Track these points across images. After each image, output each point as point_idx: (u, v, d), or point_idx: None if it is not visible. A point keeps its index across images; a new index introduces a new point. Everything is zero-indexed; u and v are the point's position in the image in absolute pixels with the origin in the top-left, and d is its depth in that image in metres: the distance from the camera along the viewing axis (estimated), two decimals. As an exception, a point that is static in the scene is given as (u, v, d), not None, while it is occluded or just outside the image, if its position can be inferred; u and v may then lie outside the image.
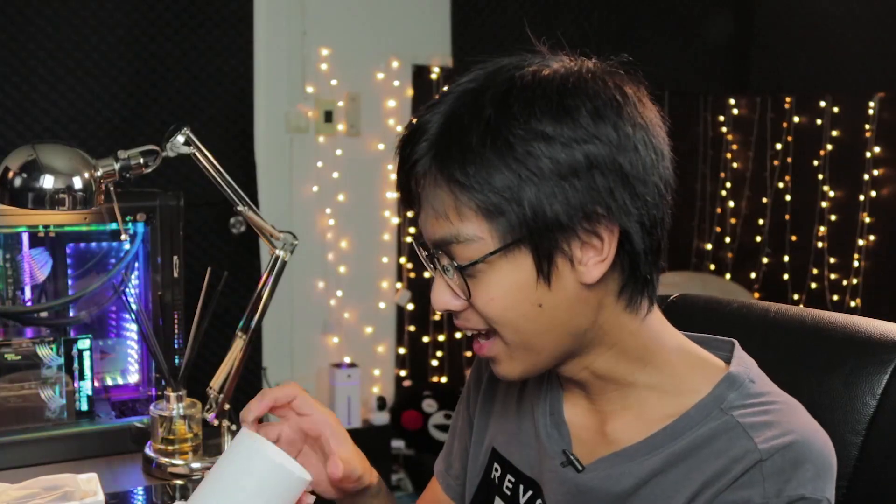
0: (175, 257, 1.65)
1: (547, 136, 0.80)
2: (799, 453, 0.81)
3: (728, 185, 3.46)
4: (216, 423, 1.55)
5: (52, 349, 1.55)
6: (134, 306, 1.61)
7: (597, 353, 0.89)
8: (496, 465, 1.01)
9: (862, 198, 2.98)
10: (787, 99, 3.22)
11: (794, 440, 0.81)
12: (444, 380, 3.21)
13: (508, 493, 0.99)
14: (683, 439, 0.86)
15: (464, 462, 1.10)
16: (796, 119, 3.19)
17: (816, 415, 0.87)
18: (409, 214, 3.12)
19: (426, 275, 3.29)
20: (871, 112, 2.95)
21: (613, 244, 0.82)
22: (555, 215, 0.80)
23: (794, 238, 3.22)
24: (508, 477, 0.99)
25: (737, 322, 1.07)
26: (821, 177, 3.11)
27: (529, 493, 0.96)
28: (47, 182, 1.38)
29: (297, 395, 0.98)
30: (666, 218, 0.86)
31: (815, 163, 3.12)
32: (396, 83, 3.08)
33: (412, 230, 3.14)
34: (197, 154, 1.49)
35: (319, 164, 3.01)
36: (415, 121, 0.86)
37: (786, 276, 3.25)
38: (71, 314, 1.68)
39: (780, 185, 3.26)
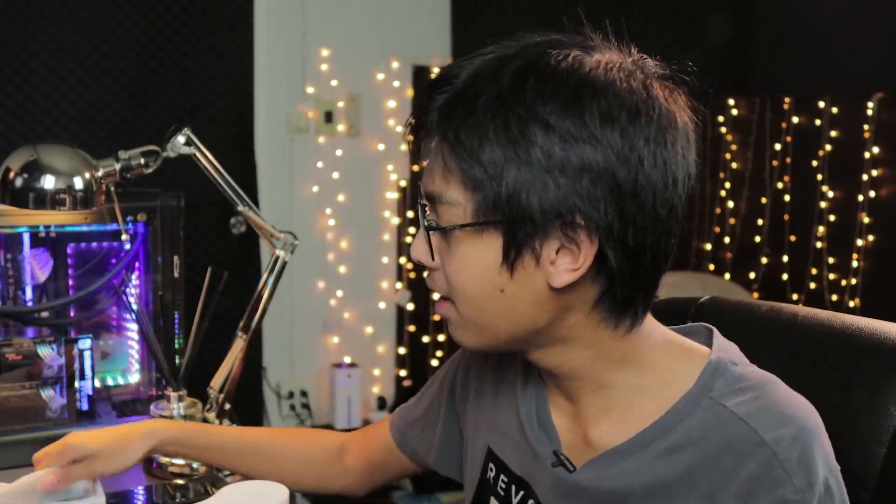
0: (175, 257, 1.65)
1: (547, 124, 0.76)
2: (806, 436, 0.79)
3: (727, 185, 3.46)
4: (217, 422, 1.55)
5: (52, 349, 1.55)
6: (134, 306, 1.61)
7: (574, 352, 0.86)
8: (491, 465, 1.00)
9: (861, 198, 2.98)
10: (787, 99, 3.22)
11: (798, 428, 0.79)
12: (443, 380, 3.21)
13: (502, 492, 0.97)
14: (676, 432, 0.83)
15: (427, 435, 1.11)
16: (795, 119, 3.19)
17: (839, 425, 0.84)
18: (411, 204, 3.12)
19: (426, 274, 3.28)
20: (869, 112, 2.95)
21: (590, 257, 0.78)
22: (528, 207, 0.77)
23: (793, 238, 3.23)
24: (502, 477, 0.98)
25: (765, 326, 1.03)
26: (820, 177, 3.11)
27: (521, 493, 0.95)
28: (48, 182, 1.39)
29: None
30: (664, 246, 0.81)
31: (814, 163, 3.13)
32: (396, 84, 3.08)
33: (412, 230, 3.15)
34: (197, 154, 1.50)
35: (319, 164, 3.02)
36: (445, 69, 0.83)
37: (785, 276, 3.25)
38: (72, 314, 1.68)
39: (780, 185, 3.26)
